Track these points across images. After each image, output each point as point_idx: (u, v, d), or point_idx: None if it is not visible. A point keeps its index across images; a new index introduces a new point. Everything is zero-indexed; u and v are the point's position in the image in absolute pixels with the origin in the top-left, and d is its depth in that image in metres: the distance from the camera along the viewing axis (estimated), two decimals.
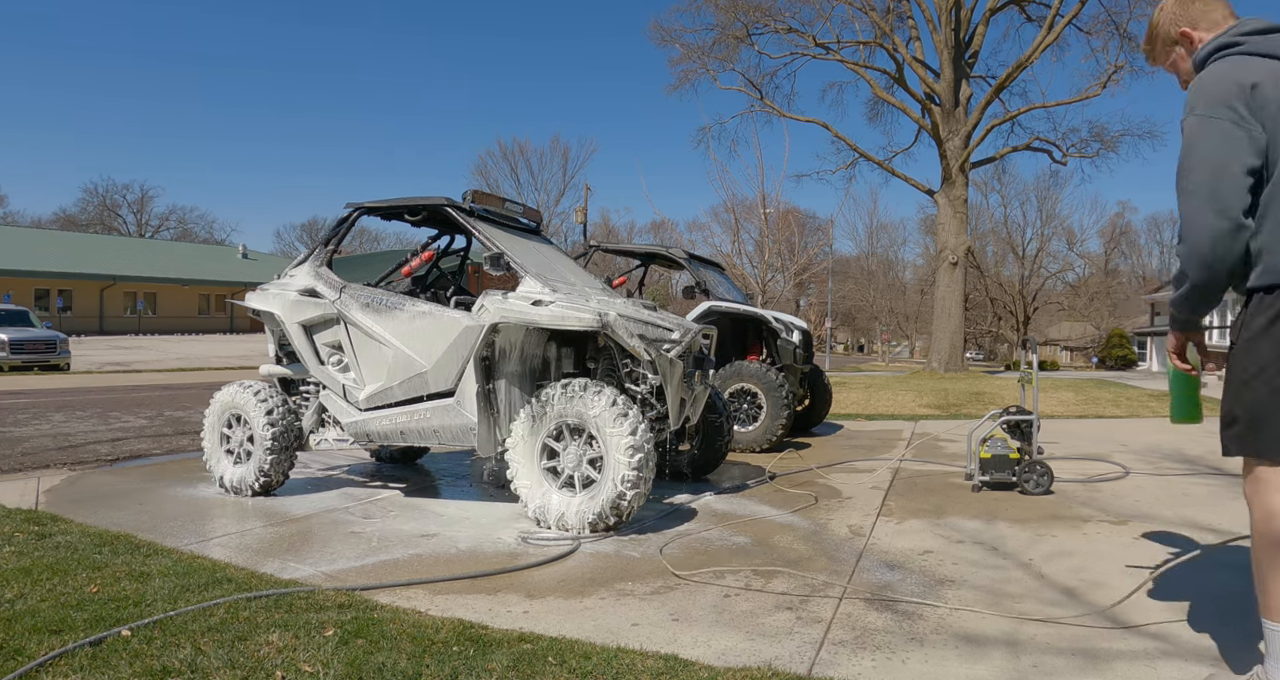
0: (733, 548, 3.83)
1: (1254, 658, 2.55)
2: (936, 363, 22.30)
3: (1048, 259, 51.35)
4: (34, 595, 2.89)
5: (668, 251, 7.77)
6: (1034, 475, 5.12)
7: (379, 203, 5.00)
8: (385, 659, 2.37)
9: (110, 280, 39.19)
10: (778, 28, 23.23)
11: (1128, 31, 21.35)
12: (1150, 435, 8.19)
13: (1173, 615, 2.90)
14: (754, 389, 6.95)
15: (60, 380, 15.01)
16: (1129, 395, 13.55)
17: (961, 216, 22.40)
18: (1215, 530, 4.16)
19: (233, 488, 4.98)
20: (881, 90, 23.90)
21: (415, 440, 4.69)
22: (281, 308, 5.07)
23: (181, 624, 2.63)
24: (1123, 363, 35.88)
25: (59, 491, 5.03)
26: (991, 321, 50.05)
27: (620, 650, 2.50)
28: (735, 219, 33.21)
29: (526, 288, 4.43)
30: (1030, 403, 5.53)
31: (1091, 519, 4.44)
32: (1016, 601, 3.05)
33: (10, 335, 17.94)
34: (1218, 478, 5.74)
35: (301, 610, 2.80)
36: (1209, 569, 3.48)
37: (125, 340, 32.17)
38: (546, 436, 4.22)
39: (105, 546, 3.59)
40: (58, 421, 8.51)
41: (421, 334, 4.56)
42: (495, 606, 2.99)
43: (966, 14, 22.28)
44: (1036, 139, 23.92)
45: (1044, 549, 3.80)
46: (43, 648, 2.41)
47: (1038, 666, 2.45)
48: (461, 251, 5.88)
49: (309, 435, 5.15)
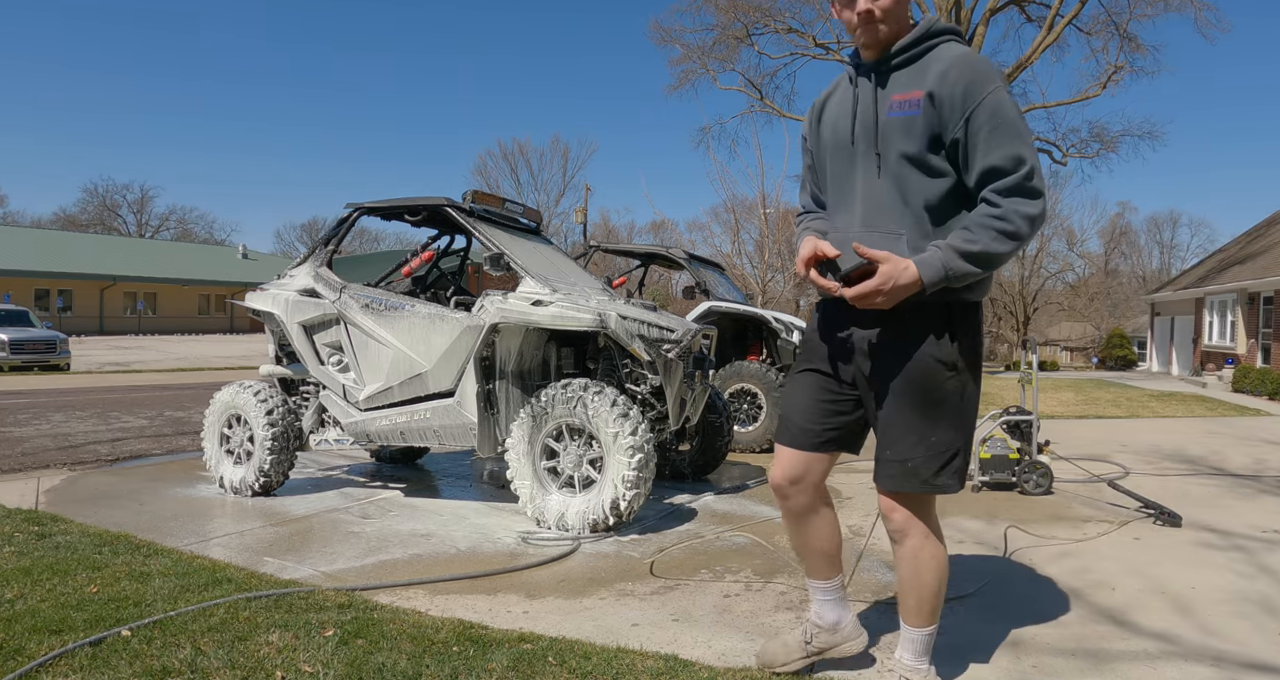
0: (733, 548, 3.83)
1: (1258, 655, 2.55)
2: None
3: (1048, 259, 51.33)
4: (34, 595, 2.89)
5: (668, 252, 7.77)
6: (1034, 475, 5.12)
7: (379, 203, 5.00)
8: (385, 659, 2.37)
9: (110, 280, 39.17)
10: (778, 28, 23.25)
11: (1128, 32, 21.38)
12: (1151, 435, 8.19)
13: (1174, 615, 2.89)
14: (754, 389, 6.95)
15: (60, 380, 15.01)
16: (1129, 395, 13.55)
17: None
18: (1215, 530, 4.15)
19: (233, 488, 4.98)
20: None
21: (415, 440, 4.69)
22: (281, 308, 5.07)
23: (181, 624, 2.63)
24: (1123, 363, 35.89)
25: (59, 491, 5.03)
26: (991, 321, 50.05)
27: (620, 650, 2.49)
28: (735, 219, 33.25)
29: (526, 288, 4.43)
30: (1030, 403, 5.53)
31: (1092, 519, 4.44)
32: (1018, 602, 3.05)
33: (10, 335, 17.93)
34: (1218, 478, 5.74)
35: (301, 610, 2.79)
36: (1209, 569, 3.48)
37: (125, 340, 32.17)
38: (546, 437, 4.22)
39: (105, 546, 3.58)
40: (58, 421, 8.51)
41: (421, 334, 4.56)
42: (495, 606, 2.99)
43: (966, 14, 22.28)
44: (1036, 139, 23.91)
45: (1045, 549, 3.80)
46: (43, 648, 2.41)
47: (1038, 667, 2.44)
48: (461, 251, 5.88)
49: (309, 435, 5.15)
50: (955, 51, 1.97)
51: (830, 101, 2.19)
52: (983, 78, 1.91)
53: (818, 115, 2.21)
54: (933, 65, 1.96)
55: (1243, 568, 3.50)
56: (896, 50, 2.00)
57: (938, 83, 1.92)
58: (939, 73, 1.94)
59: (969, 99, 1.90)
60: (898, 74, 2.01)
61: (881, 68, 2.03)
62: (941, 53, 1.98)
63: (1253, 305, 19.70)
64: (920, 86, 1.95)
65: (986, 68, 1.93)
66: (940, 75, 1.93)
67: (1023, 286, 49.15)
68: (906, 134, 1.96)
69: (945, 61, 1.95)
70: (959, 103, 1.90)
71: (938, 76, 1.93)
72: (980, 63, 1.93)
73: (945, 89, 1.91)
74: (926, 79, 1.95)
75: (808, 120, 2.26)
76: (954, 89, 1.90)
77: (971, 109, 1.89)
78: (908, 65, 2.00)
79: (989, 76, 1.91)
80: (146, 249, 48.58)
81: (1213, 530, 4.15)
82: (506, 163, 52.53)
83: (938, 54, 1.98)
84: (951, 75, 1.92)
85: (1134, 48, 21.87)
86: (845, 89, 2.14)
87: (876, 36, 1.98)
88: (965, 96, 1.90)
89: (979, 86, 1.90)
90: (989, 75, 1.91)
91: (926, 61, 1.98)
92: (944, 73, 1.93)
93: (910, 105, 1.95)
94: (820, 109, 2.21)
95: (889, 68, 2.02)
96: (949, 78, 1.92)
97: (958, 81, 1.91)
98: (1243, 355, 19.90)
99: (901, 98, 1.97)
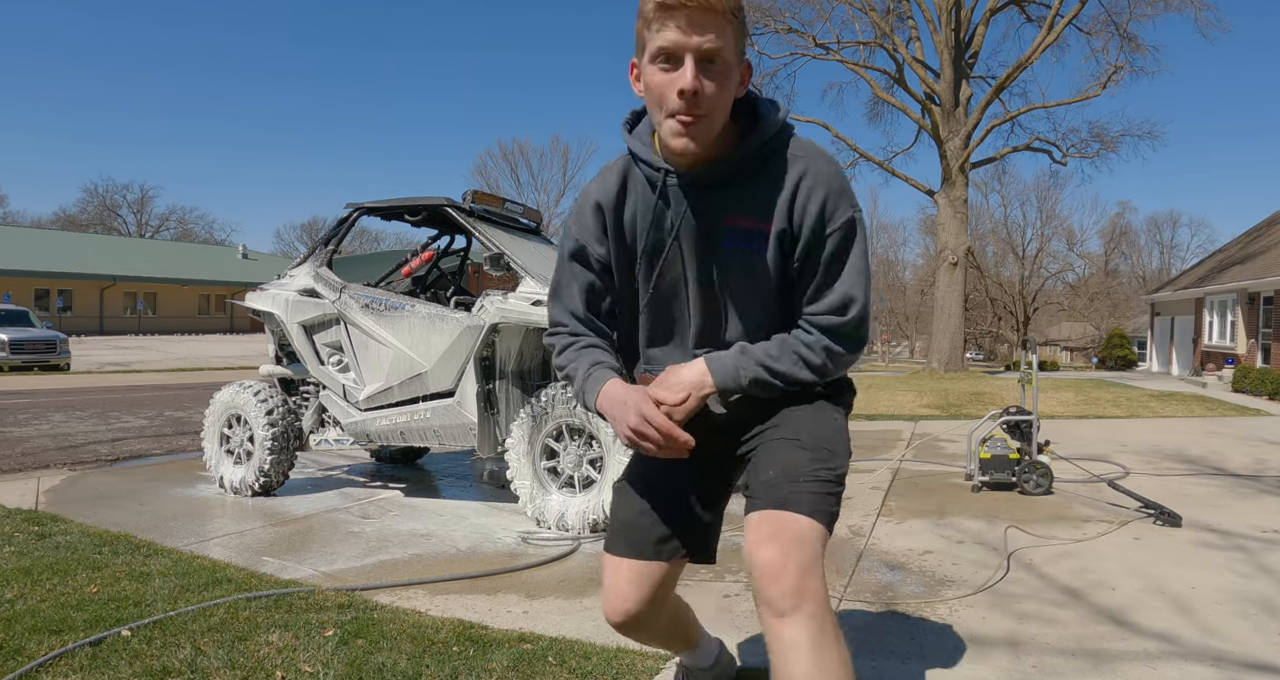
0: (733, 548, 3.82)
1: (1261, 654, 2.55)
2: (936, 363, 22.31)
3: (1048, 259, 51.34)
4: (34, 595, 2.89)
5: None
6: (1034, 475, 5.11)
7: (379, 203, 5.00)
8: (385, 659, 2.37)
9: (110, 280, 39.17)
10: (778, 28, 23.26)
11: (1128, 32, 21.39)
12: (1151, 435, 8.19)
13: (1174, 615, 2.89)
14: None
15: (60, 380, 15.01)
16: (1129, 395, 13.55)
17: (961, 217, 22.40)
18: (1215, 530, 4.15)
19: (233, 488, 4.98)
20: (881, 90, 23.92)
21: (415, 440, 4.69)
22: (281, 308, 5.07)
23: (181, 624, 2.63)
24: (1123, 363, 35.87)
25: (59, 491, 5.03)
26: (991, 321, 50.05)
27: (620, 650, 2.49)
28: None
29: (527, 288, 4.43)
30: (1030, 403, 5.53)
31: (1092, 519, 4.44)
32: (1018, 602, 3.05)
33: (10, 335, 17.93)
34: (1218, 478, 5.74)
35: (301, 610, 2.79)
36: (1209, 569, 3.48)
37: (125, 340, 32.16)
38: (546, 437, 4.22)
39: (105, 546, 3.58)
40: (58, 421, 8.50)
41: (421, 334, 4.56)
42: (495, 606, 2.99)
43: (966, 14, 22.30)
44: (1036, 139, 23.96)
45: (1045, 549, 3.80)
46: (43, 648, 2.41)
47: (1038, 667, 2.44)
48: (461, 251, 5.88)
49: (309, 435, 5.15)
50: (805, 161, 1.51)
51: (626, 207, 1.61)
52: (841, 198, 1.50)
53: (610, 222, 1.62)
54: (773, 177, 1.50)
55: (1243, 568, 3.50)
56: (735, 163, 1.49)
57: (788, 213, 1.50)
58: (788, 199, 1.49)
59: (824, 224, 1.49)
60: (727, 189, 1.52)
61: (705, 181, 1.50)
62: (783, 159, 1.51)
63: (1253, 305, 19.71)
64: (763, 214, 1.51)
65: (843, 183, 1.51)
66: (790, 201, 1.49)
67: (1023, 286, 49.14)
68: (746, 268, 1.55)
69: (793, 177, 1.49)
70: (811, 228, 1.50)
71: (787, 204, 1.49)
72: (836, 177, 1.50)
73: (798, 219, 1.50)
74: (771, 200, 1.50)
75: (589, 223, 1.63)
76: (809, 218, 1.49)
77: (825, 233, 1.50)
78: (741, 180, 1.52)
79: (846, 195, 1.51)
80: (146, 249, 48.57)
81: (1213, 530, 4.15)
82: (506, 163, 52.56)
83: (778, 161, 1.51)
84: (807, 203, 1.49)
85: (1134, 48, 21.90)
86: (643, 194, 1.58)
87: (698, 135, 1.42)
88: (820, 221, 1.49)
89: (837, 212, 1.50)
90: (846, 194, 1.51)
91: (764, 169, 1.51)
92: (795, 198, 1.49)
93: (752, 238, 1.52)
94: (614, 214, 1.62)
95: (714, 182, 1.51)
96: (803, 205, 1.49)
97: (812, 205, 1.49)
98: (1243, 355, 19.91)
99: (740, 225, 1.52)
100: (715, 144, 1.47)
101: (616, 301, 1.70)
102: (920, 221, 61.52)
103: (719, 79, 1.39)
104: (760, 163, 1.50)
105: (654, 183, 1.54)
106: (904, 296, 58.41)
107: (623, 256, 1.64)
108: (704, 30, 1.35)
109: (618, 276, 1.67)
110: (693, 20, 1.34)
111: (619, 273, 1.66)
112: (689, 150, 1.42)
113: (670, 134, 1.42)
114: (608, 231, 1.62)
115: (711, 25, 1.35)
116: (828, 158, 1.52)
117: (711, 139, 1.44)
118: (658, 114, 1.43)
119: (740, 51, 1.44)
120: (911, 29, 23.32)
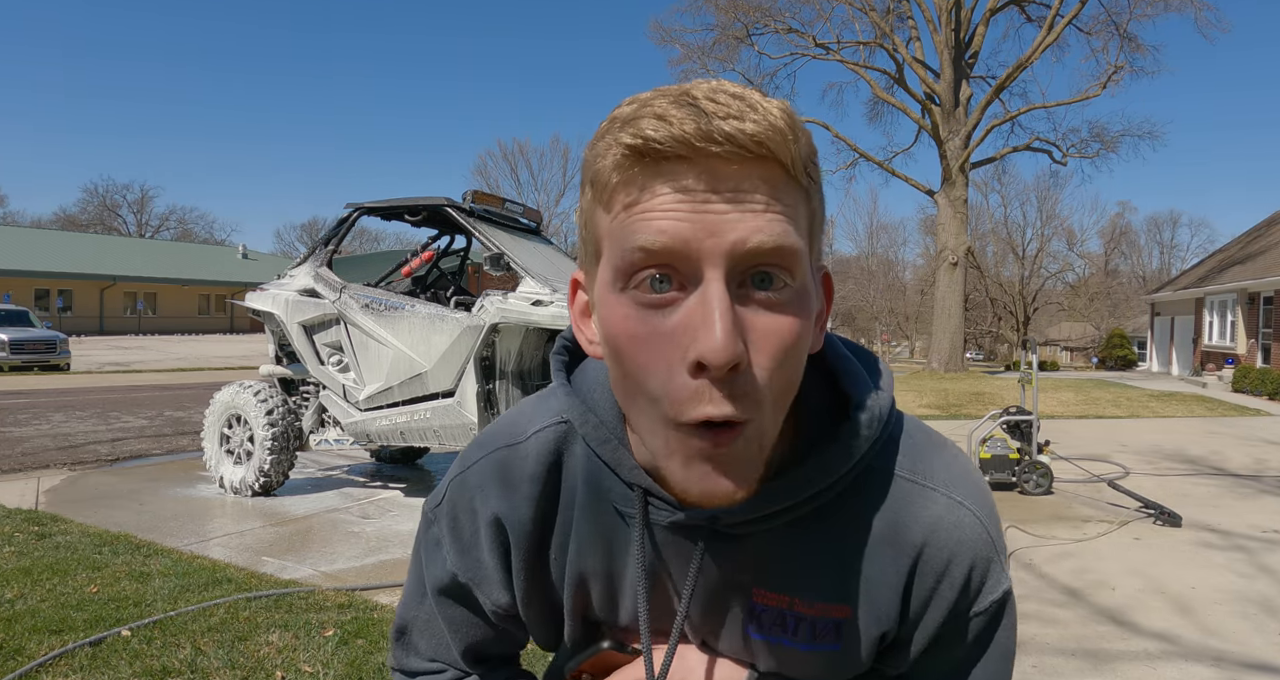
0: None
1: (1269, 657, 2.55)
2: (936, 363, 22.31)
3: (1048, 259, 51.35)
4: (34, 595, 2.89)
5: None
6: (1034, 475, 5.12)
7: (379, 203, 5.00)
8: (385, 659, 2.37)
9: (110, 280, 39.17)
10: (778, 28, 23.26)
11: (1128, 32, 21.40)
12: (1151, 435, 8.19)
13: (1174, 615, 2.89)
14: None
15: (60, 380, 15.01)
16: (1129, 395, 13.55)
17: (961, 216, 22.40)
18: (1215, 530, 4.15)
19: (233, 488, 4.98)
20: (881, 90, 23.91)
21: (415, 440, 4.69)
22: (282, 308, 5.07)
23: (181, 624, 2.63)
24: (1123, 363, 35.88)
25: (59, 491, 5.03)
26: (991, 321, 50.07)
27: None
28: None
29: (527, 288, 4.43)
30: (1030, 403, 5.53)
31: (1092, 519, 4.43)
32: (1018, 602, 3.04)
33: (10, 335, 17.93)
34: (1218, 478, 5.74)
35: (301, 610, 2.79)
36: (1209, 569, 3.48)
37: (125, 340, 32.17)
38: None
39: (105, 546, 3.58)
40: (58, 421, 8.50)
41: (421, 334, 4.55)
42: None
43: (966, 14, 22.30)
44: (1036, 139, 23.94)
45: (1046, 549, 3.80)
46: (43, 648, 2.41)
47: (1039, 667, 2.44)
48: (461, 251, 5.88)
49: (309, 435, 5.15)
50: (931, 500, 0.68)
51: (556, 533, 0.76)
52: (991, 568, 0.69)
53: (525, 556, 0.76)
54: (863, 523, 0.68)
55: (1243, 568, 3.50)
56: (791, 492, 0.65)
57: (897, 600, 0.69)
58: (897, 577, 0.68)
59: (964, 609, 0.69)
60: (769, 534, 0.69)
61: (730, 520, 0.66)
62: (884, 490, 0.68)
63: (1253, 305, 19.71)
64: (836, 592, 0.69)
65: (992, 537, 0.68)
66: (904, 583, 0.68)
67: (1023, 286, 49.16)
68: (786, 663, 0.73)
69: (912, 539, 0.68)
70: (940, 622, 0.69)
71: (895, 587, 0.68)
72: (985, 527, 0.68)
73: (915, 610, 0.69)
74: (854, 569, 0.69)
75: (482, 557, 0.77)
76: (934, 610, 0.69)
77: (967, 617, 0.69)
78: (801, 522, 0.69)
79: (997, 560, 0.69)
80: (146, 249, 48.58)
81: (1213, 530, 4.15)
82: (506, 163, 52.54)
83: (874, 491, 0.68)
84: (936, 586, 0.68)
85: (1134, 48, 21.90)
86: (595, 516, 0.74)
87: (743, 462, 0.57)
88: (954, 610, 0.68)
89: (984, 588, 0.69)
90: (997, 557, 0.69)
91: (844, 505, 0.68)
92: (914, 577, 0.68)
93: (813, 631, 0.70)
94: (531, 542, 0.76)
95: (748, 522, 0.67)
96: (927, 589, 0.68)
97: (946, 588, 0.68)
98: (1243, 355, 19.91)
99: (785, 606, 0.70)
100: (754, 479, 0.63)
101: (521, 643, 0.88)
102: (920, 221, 61.49)
103: (784, 326, 0.56)
104: (841, 494, 0.68)
105: (624, 512, 0.72)
106: (904, 297, 58.41)
107: (545, 602, 0.80)
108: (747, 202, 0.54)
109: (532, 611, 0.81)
110: (721, 178, 0.54)
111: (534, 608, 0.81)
112: (726, 496, 0.59)
113: (682, 465, 0.58)
114: (517, 571, 0.77)
115: (764, 192, 0.55)
116: (973, 481, 0.70)
117: (764, 462, 0.61)
118: (637, 407, 0.59)
119: (818, 254, 0.64)
120: (911, 29, 23.32)
